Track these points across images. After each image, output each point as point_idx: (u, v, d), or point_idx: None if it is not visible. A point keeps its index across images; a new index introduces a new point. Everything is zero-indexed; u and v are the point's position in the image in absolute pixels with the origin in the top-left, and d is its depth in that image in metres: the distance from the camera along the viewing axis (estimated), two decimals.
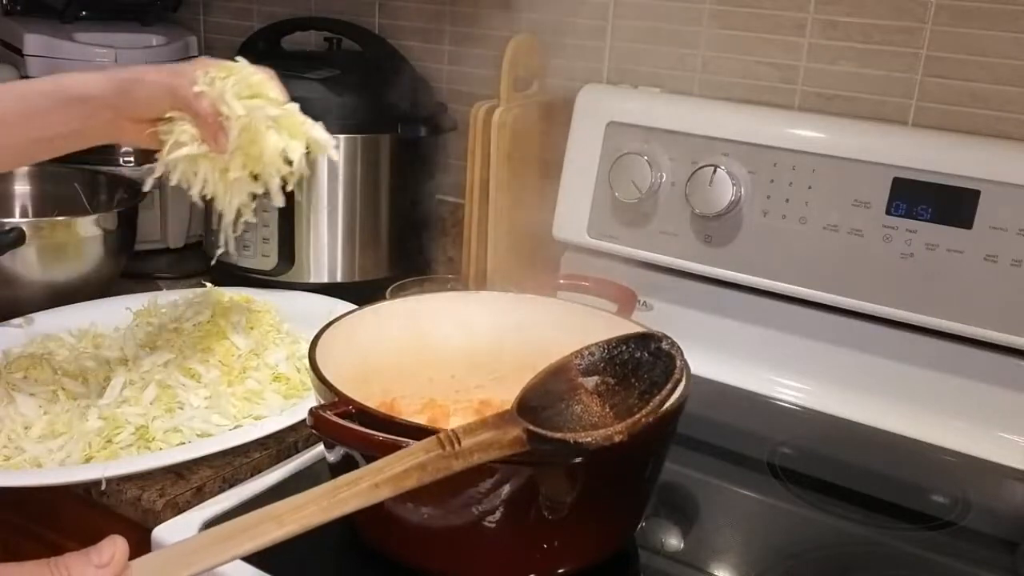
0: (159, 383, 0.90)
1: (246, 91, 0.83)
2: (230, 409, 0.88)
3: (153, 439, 0.84)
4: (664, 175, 1.08)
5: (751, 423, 1.02)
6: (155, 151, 0.85)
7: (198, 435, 0.84)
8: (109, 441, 0.83)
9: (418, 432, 0.62)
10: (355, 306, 0.90)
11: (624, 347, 0.67)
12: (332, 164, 1.16)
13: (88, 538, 0.86)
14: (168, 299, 1.09)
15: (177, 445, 0.83)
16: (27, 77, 1.35)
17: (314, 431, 0.65)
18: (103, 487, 0.78)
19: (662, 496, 0.83)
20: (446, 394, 0.88)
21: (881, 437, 0.99)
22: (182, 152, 0.83)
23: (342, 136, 1.15)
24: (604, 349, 0.68)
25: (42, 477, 0.79)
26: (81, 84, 0.82)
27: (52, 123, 0.82)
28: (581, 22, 1.22)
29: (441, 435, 0.60)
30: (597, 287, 0.94)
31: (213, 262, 0.99)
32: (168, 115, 0.83)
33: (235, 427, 0.87)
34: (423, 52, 1.34)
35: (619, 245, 1.13)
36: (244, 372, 0.95)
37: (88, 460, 0.81)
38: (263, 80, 0.85)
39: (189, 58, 1.29)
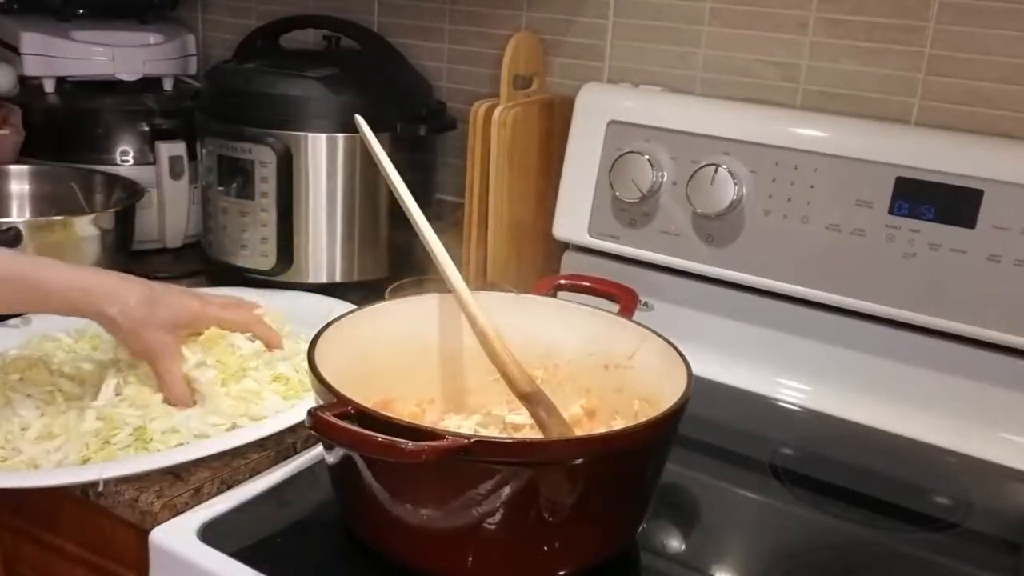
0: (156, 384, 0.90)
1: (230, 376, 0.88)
2: (228, 410, 0.88)
3: (151, 440, 0.83)
4: (665, 174, 1.08)
5: (752, 424, 1.02)
6: None
7: (196, 436, 0.84)
8: (106, 442, 0.82)
9: (418, 433, 0.62)
10: (354, 306, 0.89)
11: None
12: (331, 164, 1.15)
13: (86, 540, 0.87)
14: None
15: (175, 446, 0.82)
16: (24, 76, 1.35)
17: (313, 432, 0.65)
18: (100, 488, 0.78)
19: (663, 497, 0.82)
20: (446, 394, 0.88)
21: (883, 438, 0.98)
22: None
23: (341, 135, 1.15)
24: None
25: (39, 478, 0.79)
26: (88, 301, 0.84)
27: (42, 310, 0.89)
28: (582, 20, 1.22)
29: None
30: (597, 287, 0.94)
31: None
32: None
33: (233, 428, 0.86)
34: (422, 51, 1.33)
35: (620, 245, 1.12)
36: (243, 372, 0.94)
37: (85, 461, 0.80)
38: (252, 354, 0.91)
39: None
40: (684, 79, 1.16)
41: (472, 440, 0.62)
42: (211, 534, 0.75)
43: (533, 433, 0.81)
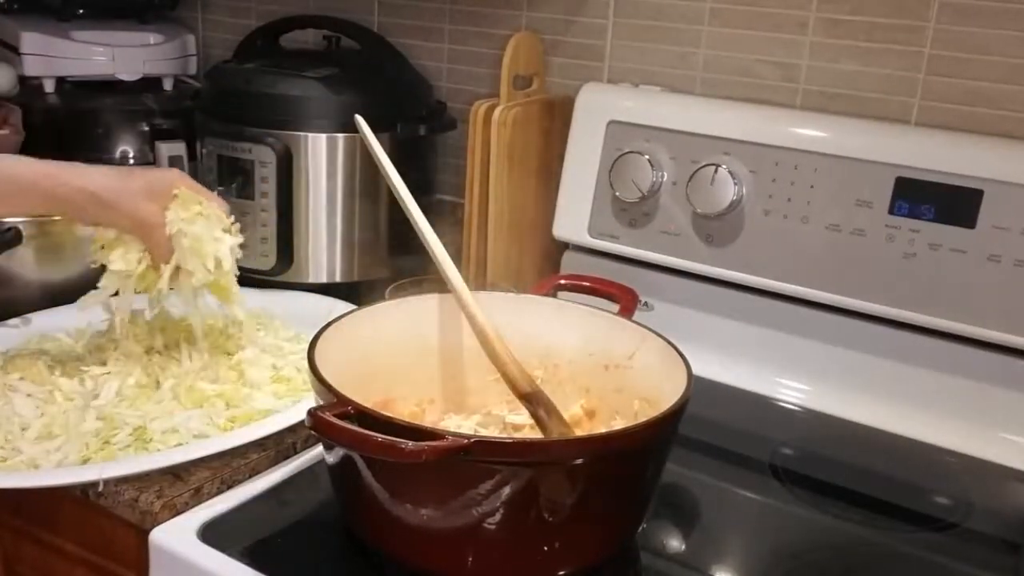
0: (156, 384, 0.90)
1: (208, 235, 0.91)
2: (228, 410, 0.88)
3: (151, 440, 0.83)
4: (665, 174, 1.08)
5: (752, 424, 1.02)
6: None
7: (195, 436, 0.84)
8: (106, 442, 0.82)
9: (418, 433, 0.62)
10: (354, 306, 0.89)
11: None
12: (331, 164, 1.15)
13: (86, 540, 0.87)
14: (167, 300, 1.09)
15: (175, 446, 0.82)
16: (24, 75, 1.35)
17: (313, 432, 0.65)
18: (100, 488, 0.78)
19: (663, 497, 0.82)
20: (446, 394, 0.88)
21: (883, 438, 0.98)
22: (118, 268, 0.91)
23: (341, 135, 1.15)
24: None
25: (39, 478, 0.78)
26: (58, 182, 0.85)
27: (21, 209, 0.90)
28: (582, 20, 1.22)
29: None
30: (597, 287, 0.94)
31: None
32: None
33: (233, 428, 0.86)
34: (422, 51, 1.33)
35: (620, 245, 1.12)
36: (243, 372, 0.94)
37: (85, 461, 0.80)
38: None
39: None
40: (684, 79, 1.16)
41: (472, 440, 0.62)
42: (211, 534, 0.75)
43: (533, 433, 0.81)
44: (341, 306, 1.04)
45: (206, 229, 0.90)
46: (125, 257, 0.90)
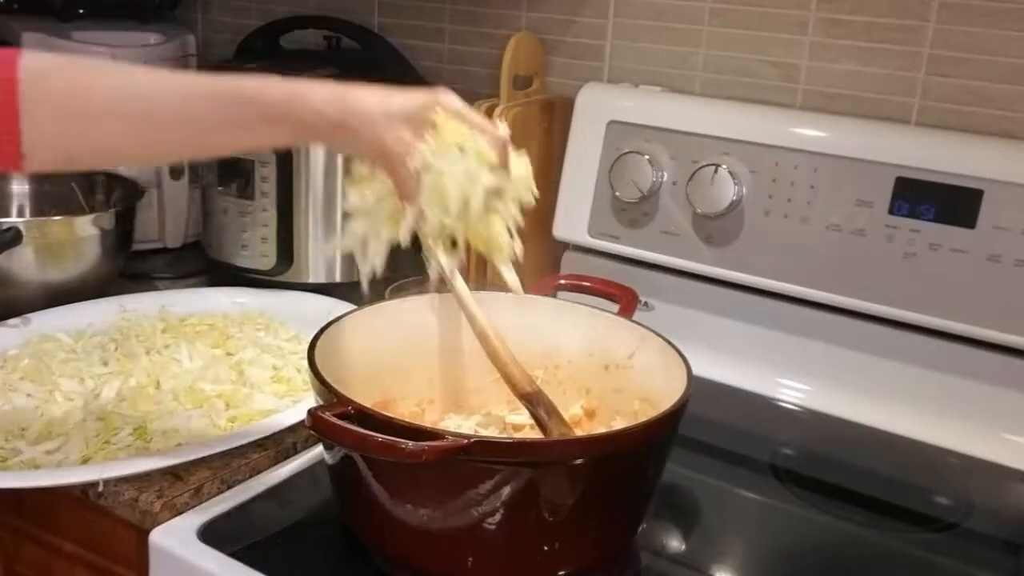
0: (156, 384, 0.90)
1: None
2: (228, 410, 0.88)
3: (151, 440, 0.83)
4: (665, 174, 1.08)
5: (753, 424, 1.02)
6: None
7: (195, 436, 0.84)
8: (107, 442, 0.82)
9: (418, 433, 0.62)
10: (354, 306, 0.89)
11: None
12: (331, 163, 1.15)
13: (86, 540, 0.87)
14: (166, 300, 1.09)
15: (175, 446, 0.82)
16: None
17: (313, 432, 0.65)
18: (100, 488, 0.78)
19: (663, 497, 0.82)
20: (446, 394, 0.88)
21: (884, 438, 0.98)
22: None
23: None
24: None
25: (39, 479, 0.78)
26: (282, 101, 0.71)
27: (224, 134, 0.72)
28: (582, 20, 1.22)
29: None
30: (597, 287, 0.94)
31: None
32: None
33: (233, 428, 0.86)
34: (423, 51, 1.33)
35: (620, 245, 1.12)
36: (243, 372, 0.94)
37: (85, 461, 0.80)
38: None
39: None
40: (684, 79, 1.16)
41: (472, 440, 0.62)
42: (211, 534, 0.75)
43: (533, 433, 0.81)
44: (341, 306, 1.04)
45: (456, 163, 0.71)
46: (363, 194, 0.74)
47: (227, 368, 0.94)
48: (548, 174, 1.21)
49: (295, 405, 0.89)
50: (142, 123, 0.69)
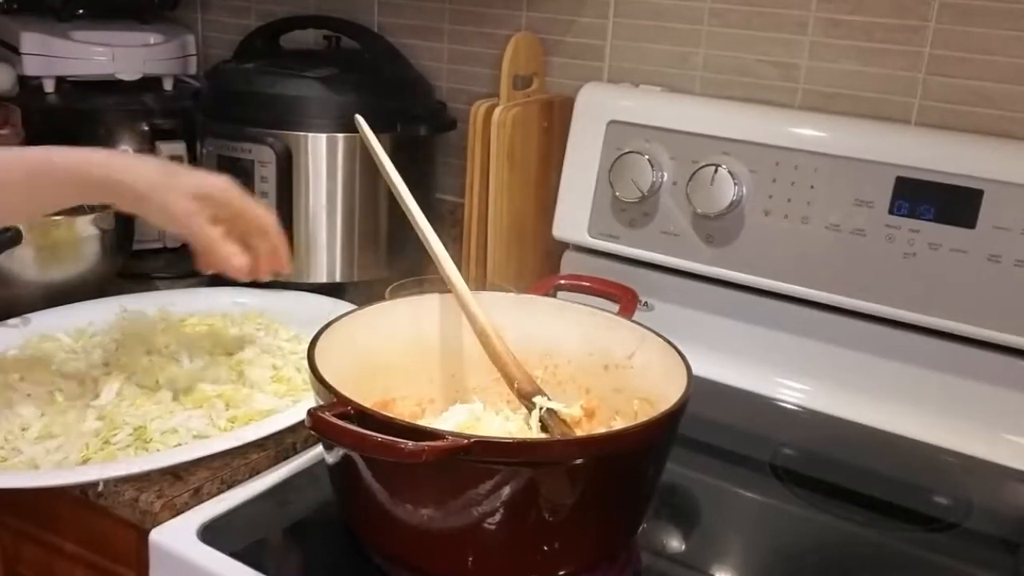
0: (156, 384, 0.90)
1: None
2: (228, 410, 0.88)
3: (151, 440, 0.83)
4: (665, 174, 1.08)
5: (752, 424, 1.02)
6: None
7: (195, 436, 0.84)
8: (107, 442, 0.82)
9: (418, 433, 0.62)
10: (354, 306, 0.89)
11: None
12: (332, 164, 1.15)
13: (86, 539, 0.87)
14: (166, 299, 1.09)
15: (175, 446, 0.82)
16: (24, 75, 1.35)
17: (313, 432, 0.65)
18: (100, 488, 0.78)
19: (663, 497, 0.82)
20: (446, 394, 0.88)
21: (883, 438, 0.98)
22: None
23: (341, 135, 1.15)
24: None
25: (39, 479, 0.78)
26: (107, 171, 0.82)
27: (60, 199, 0.85)
28: (581, 20, 1.22)
29: None
30: (597, 287, 0.94)
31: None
32: None
33: (233, 428, 0.86)
34: (422, 50, 1.33)
35: (620, 245, 1.12)
36: (243, 372, 0.94)
37: (85, 461, 0.80)
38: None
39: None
40: (684, 79, 1.16)
41: (472, 440, 0.62)
42: (211, 534, 0.75)
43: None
44: (341, 306, 1.04)
45: None
46: None
47: (227, 368, 0.94)
48: (548, 174, 1.21)
49: (295, 405, 0.89)
50: None
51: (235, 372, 0.94)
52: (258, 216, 0.87)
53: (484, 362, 0.83)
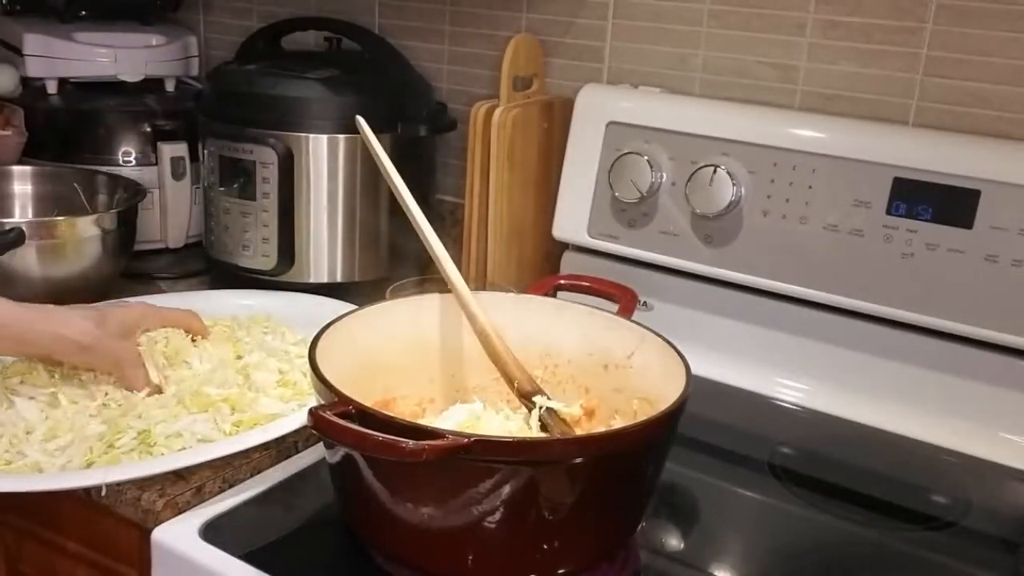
0: (161, 387, 0.90)
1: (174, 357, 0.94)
2: (233, 414, 0.88)
3: (155, 444, 0.83)
4: (664, 175, 1.08)
5: (751, 423, 1.02)
6: None
7: (200, 440, 0.84)
8: (111, 446, 0.82)
9: (418, 432, 0.62)
10: (355, 306, 0.89)
11: None
12: (332, 164, 1.16)
13: (88, 539, 0.87)
14: (170, 302, 1.09)
15: (179, 450, 0.82)
16: (27, 77, 1.35)
17: (314, 431, 0.65)
18: (103, 492, 0.78)
19: (663, 496, 0.83)
20: (446, 394, 0.88)
21: (882, 437, 0.99)
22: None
23: (342, 136, 1.15)
24: None
25: (43, 482, 0.78)
26: (31, 327, 0.86)
27: None
28: (581, 22, 1.22)
29: None
30: (597, 287, 0.94)
31: None
32: None
33: (238, 432, 0.86)
34: (423, 52, 1.34)
35: (619, 245, 1.13)
36: (249, 376, 0.94)
37: (89, 465, 0.80)
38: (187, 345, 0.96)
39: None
40: (683, 80, 1.17)
41: (472, 439, 0.62)
42: (213, 533, 0.75)
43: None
44: (342, 306, 1.04)
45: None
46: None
47: (234, 372, 0.94)
48: (548, 175, 1.22)
49: (300, 409, 0.89)
50: None
51: (241, 376, 0.94)
52: (179, 320, 0.97)
53: (484, 362, 0.84)
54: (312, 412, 0.64)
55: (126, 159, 1.33)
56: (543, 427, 0.79)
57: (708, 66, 1.15)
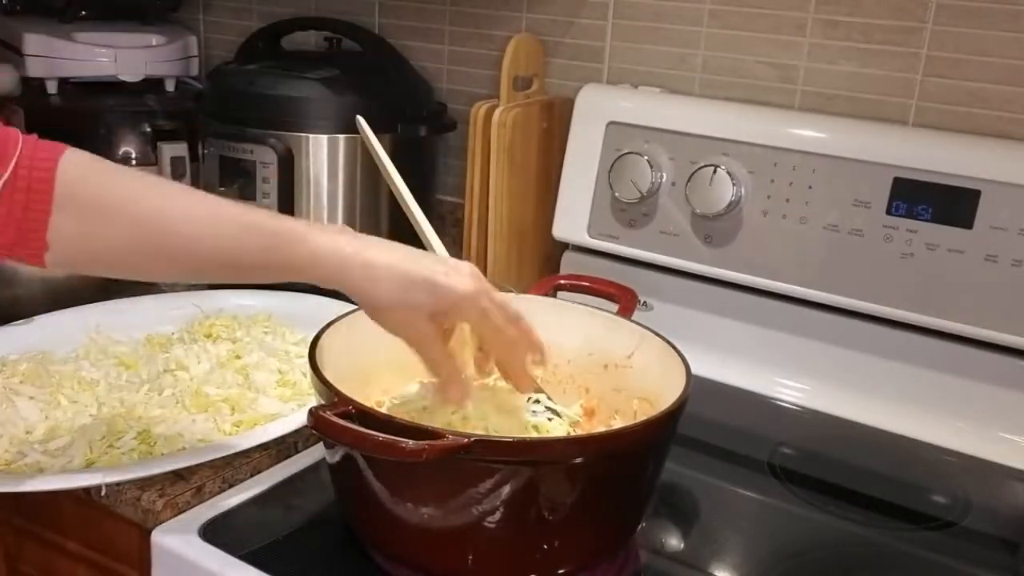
0: (161, 389, 0.90)
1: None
2: (233, 414, 0.88)
3: (155, 444, 0.83)
4: (664, 175, 1.08)
5: (751, 423, 1.02)
6: None
7: (200, 440, 0.84)
8: (111, 446, 0.82)
9: (418, 432, 0.62)
10: (355, 306, 0.89)
11: None
12: (333, 164, 1.16)
13: (88, 539, 0.87)
14: (170, 302, 1.10)
15: (179, 450, 0.82)
16: (27, 77, 1.35)
17: (314, 431, 0.65)
18: (103, 492, 0.78)
19: (663, 496, 0.83)
20: None
21: (881, 437, 0.99)
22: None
23: (342, 136, 1.15)
24: None
25: (43, 483, 0.78)
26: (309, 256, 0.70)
27: (250, 273, 0.71)
28: (581, 22, 1.22)
29: None
30: (597, 287, 0.94)
31: None
32: None
33: (238, 432, 0.86)
34: (423, 52, 1.34)
35: (619, 245, 1.13)
36: (249, 376, 0.94)
37: (89, 465, 0.80)
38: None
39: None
40: (683, 80, 1.17)
41: (472, 439, 0.62)
42: (213, 533, 0.75)
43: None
44: (342, 306, 1.04)
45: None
46: None
47: (233, 372, 0.94)
48: (548, 175, 1.22)
49: (300, 409, 0.89)
50: (169, 251, 0.68)
51: (241, 376, 0.94)
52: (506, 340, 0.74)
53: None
54: (312, 412, 0.64)
55: (126, 159, 1.33)
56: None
57: (708, 66, 1.15)
